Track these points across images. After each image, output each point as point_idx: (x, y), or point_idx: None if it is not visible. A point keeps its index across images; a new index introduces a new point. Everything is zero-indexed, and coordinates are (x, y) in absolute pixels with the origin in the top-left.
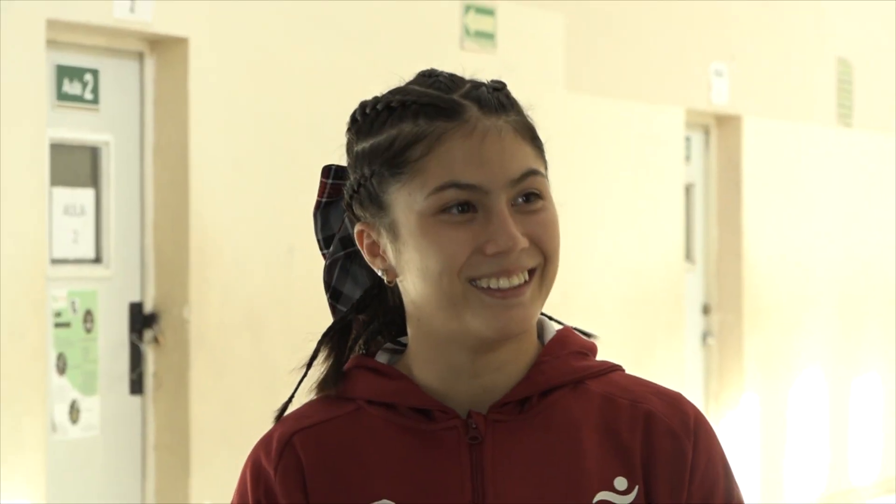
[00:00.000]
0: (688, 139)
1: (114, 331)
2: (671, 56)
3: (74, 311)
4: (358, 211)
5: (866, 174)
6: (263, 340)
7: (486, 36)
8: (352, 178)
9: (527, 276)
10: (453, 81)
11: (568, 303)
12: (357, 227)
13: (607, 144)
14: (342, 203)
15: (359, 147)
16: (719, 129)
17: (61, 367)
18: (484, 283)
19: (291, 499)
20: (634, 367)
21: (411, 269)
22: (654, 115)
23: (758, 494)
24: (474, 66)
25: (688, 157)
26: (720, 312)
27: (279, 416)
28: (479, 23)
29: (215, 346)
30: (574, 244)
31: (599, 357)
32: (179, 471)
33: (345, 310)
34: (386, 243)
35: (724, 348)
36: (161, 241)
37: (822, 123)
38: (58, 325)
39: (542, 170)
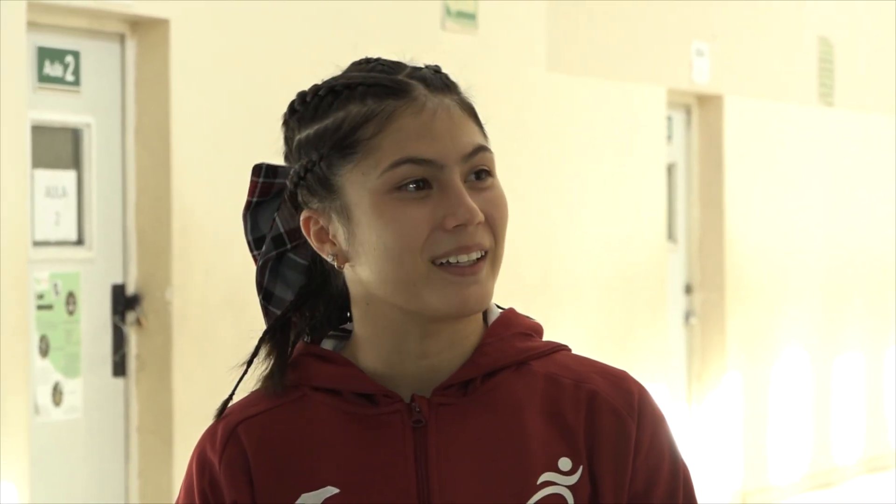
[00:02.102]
0: (669, 119)
1: (96, 313)
2: (652, 36)
3: (57, 293)
4: (305, 198)
5: (847, 153)
6: (246, 322)
7: (468, 16)
8: (296, 166)
9: (482, 254)
10: (395, 64)
11: (550, 283)
12: (304, 215)
13: (589, 124)
14: (274, 203)
15: (302, 134)
16: (701, 109)
17: (44, 350)
18: (444, 260)
19: (236, 489)
20: (617, 348)
21: (366, 250)
22: (635, 95)
23: (741, 474)
24: (456, 46)
25: (669, 137)
26: (703, 292)
27: (219, 413)
28: (460, 3)
29: (198, 327)
30: (556, 224)
31: (580, 338)
32: (162, 453)
33: (277, 312)
34: (337, 227)
35: (707, 328)
36: (143, 222)
37: (804, 103)
38: (40, 307)
39: (489, 147)
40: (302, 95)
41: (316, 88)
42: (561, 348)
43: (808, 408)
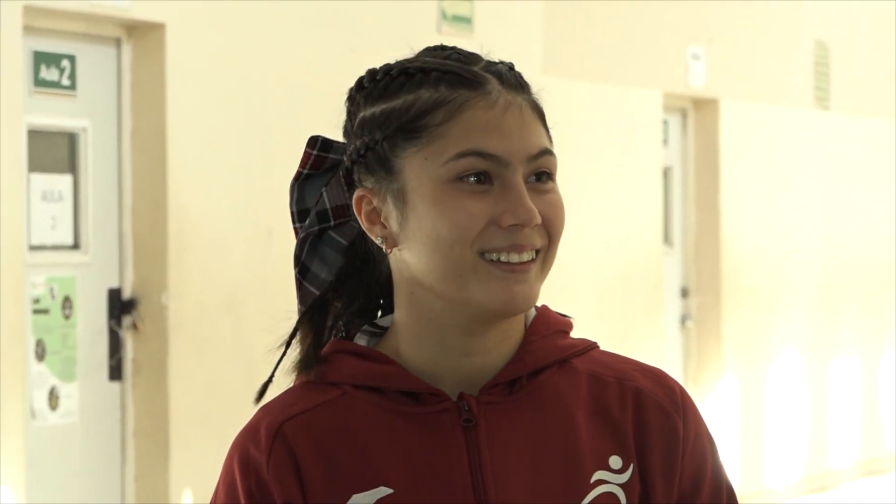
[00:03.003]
0: (665, 122)
1: (92, 317)
2: (648, 39)
3: (53, 297)
4: (361, 175)
5: (843, 156)
6: (243, 325)
7: (464, 20)
8: (356, 143)
9: (534, 255)
10: (471, 55)
11: (547, 285)
12: (357, 193)
13: (585, 128)
14: (323, 179)
15: (367, 112)
16: (697, 113)
17: (40, 354)
18: (494, 256)
19: (287, 489)
20: (613, 350)
21: (418, 237)
22: (631, 99)
23: (737, 477)
24: None
25: (665, 141)
26: (699, 295)
27: (259, 396)
28: (456, 7)
29: (194, 331)
30: None
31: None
32: (159, 457)
33: (311, 287)
34: (390, 210)
35: (703, 331)
36: (139, 226)
37: (800, 106)
38: (36, 311)
39: (554, 152)
40: (372, 73)
41: (388, 68)
42: (594, 345)
43: (805, 411)
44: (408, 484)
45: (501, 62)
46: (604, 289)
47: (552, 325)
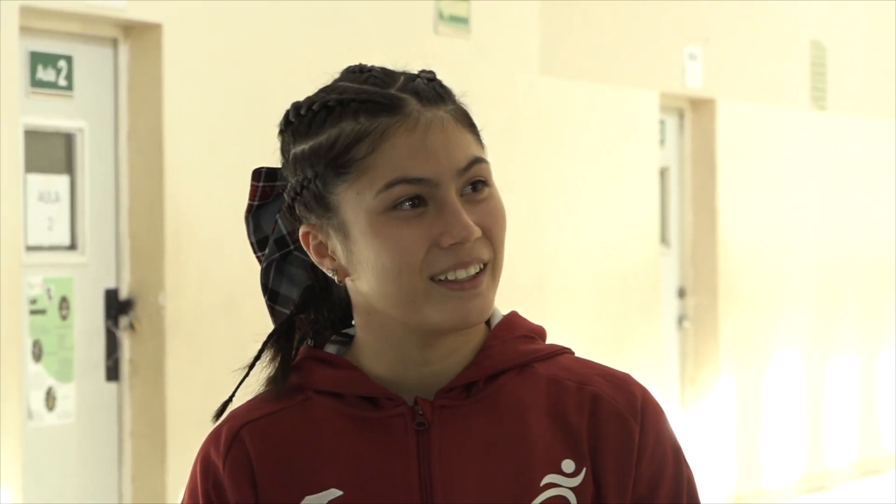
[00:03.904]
0: (662, 123)
1: (89, 317)
2: (645, 39)
3: (50, 297)
4: (302, 213)
5: (840, 157)
6: (240, 326)
7: (460, 20)
8: (292, 180)
9: (481, 267)
10: (388, 75)
11: (544, 287)
12: (302, 230)
13: (582, 128)
14: (276, 205)
15: (297, 149)
16: (694, 113)
17: (37, 355)
18: (443, 277)
19: (240, 492)
20: (610, 351)
21: (366, 268)
22: (628, 99)
23: (734, 478)
24: (448, 50)
25: (662, 141)
26: (696, 296)
27: (218, 415)
28: (453, 7)
29: (191, 332)
30: (549, 228)
31: (573, 341)
32: (156, 457)
33: (284, 310)
34: (336, 244)
35: (700, 332)
36: (136, 227)
37: (797, 106)
38: (33, 312)
39: (484, 156)
40: (297, 107)
41: (310, 102)
42: (564, 351)
43: (802, 411)
44: (356, 486)
45: (421, 74)
46: (601, 289)
47: (516, 330)
